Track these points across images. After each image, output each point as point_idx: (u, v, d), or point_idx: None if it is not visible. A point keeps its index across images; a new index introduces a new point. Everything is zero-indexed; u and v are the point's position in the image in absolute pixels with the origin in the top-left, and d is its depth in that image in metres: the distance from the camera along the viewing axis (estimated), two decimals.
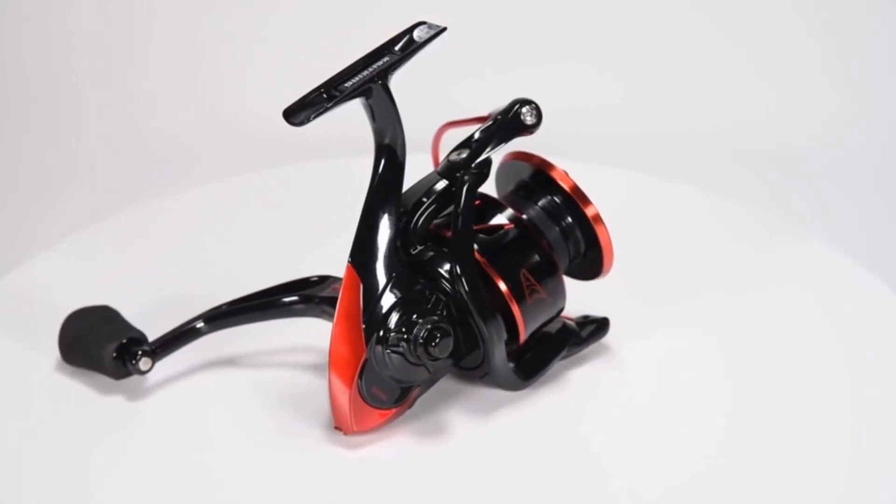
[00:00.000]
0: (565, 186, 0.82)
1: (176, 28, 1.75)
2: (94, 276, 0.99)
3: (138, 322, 0.85)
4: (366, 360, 0.75)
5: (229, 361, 0.86)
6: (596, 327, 0.85)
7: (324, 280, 0.85)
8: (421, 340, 0.73)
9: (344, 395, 0.75)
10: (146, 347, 0.81)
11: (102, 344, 0.81)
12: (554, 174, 0.82)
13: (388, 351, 0.74)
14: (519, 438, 0.79)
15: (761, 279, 0.96)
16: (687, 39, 1.72)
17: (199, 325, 0.84)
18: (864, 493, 0.74)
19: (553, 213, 0.82)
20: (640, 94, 1.69)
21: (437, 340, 0.74)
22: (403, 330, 0.74)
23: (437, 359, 0.74)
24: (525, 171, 0.83)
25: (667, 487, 0.75)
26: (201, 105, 1.69)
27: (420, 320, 0.74)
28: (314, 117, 0.72)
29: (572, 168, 0.83)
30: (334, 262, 0.83)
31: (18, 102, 1.73)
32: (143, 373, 0.81)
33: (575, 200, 0.82)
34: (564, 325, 0.84)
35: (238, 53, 1.75)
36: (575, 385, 0.83)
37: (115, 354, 0.80)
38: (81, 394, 0.83)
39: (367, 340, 0.74)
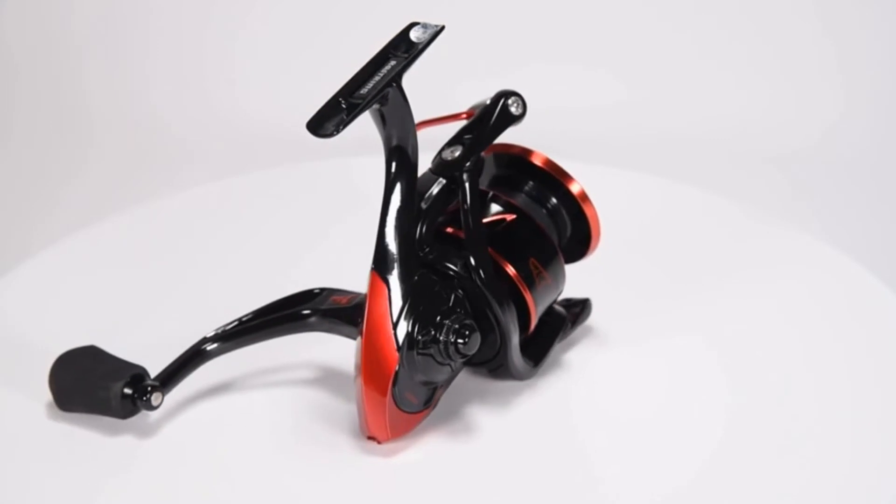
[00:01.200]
0: (547, 167, 0.82)
1: (178, 28, 1.76)
2: (93, 277, 0.99)
3: (140, 323, 0.85)
4: (399, 367, 0.74)
5: (227, 386, 0.83)
6: (581, 309, 0.87)
7: (322, 292, 0.83)
8: (452, 339, 0.74)
9: (380, 404, 0.75)
10: (154, 382, 0.78)
11: (106, 385, 0.77)
12: (534, 158, 0.83)
13: (419, 354, 0.75)
14: (544, 426, 0.79)
15: (761, 279, 0.96)
16: (687, 39, 1.72)
17: (209, 346, 0.80)
18: (864, 493, 0.74)
19: (540, 197, 0.83)
20: (640, 94, 1.69)
21: (467, 338, 0.74)
22: (433, 332, 0.74)
23: (465, 356, 0.75)
24: (502, 161, 0.84)
25: (676, 485, 0.75)
26: (202, 105, 1.70)
27: (446, 321, 0.74)
28: (342, 128, 0.71)
29: (572, 168, 0.83)
30: (335, 262, 0.83)
31: (18, 102, 1.73)
32: (154, 408, 0.77)
33: (559, 179, 0.82)
34: (555, 311, 0.85)
35: (239, 53, 1.75)
36: (577, 370, 0.84)
37: (122, 393, 0.77)
38: (83, 436, 0.79)
39: (399, 346, 0.74)
